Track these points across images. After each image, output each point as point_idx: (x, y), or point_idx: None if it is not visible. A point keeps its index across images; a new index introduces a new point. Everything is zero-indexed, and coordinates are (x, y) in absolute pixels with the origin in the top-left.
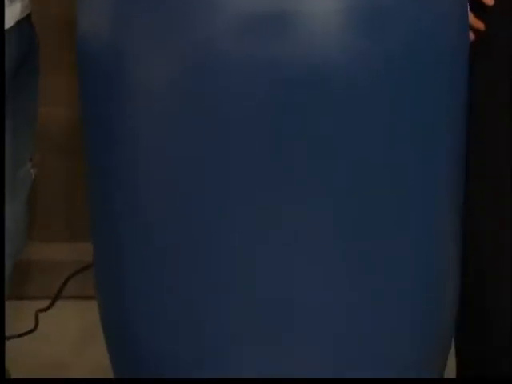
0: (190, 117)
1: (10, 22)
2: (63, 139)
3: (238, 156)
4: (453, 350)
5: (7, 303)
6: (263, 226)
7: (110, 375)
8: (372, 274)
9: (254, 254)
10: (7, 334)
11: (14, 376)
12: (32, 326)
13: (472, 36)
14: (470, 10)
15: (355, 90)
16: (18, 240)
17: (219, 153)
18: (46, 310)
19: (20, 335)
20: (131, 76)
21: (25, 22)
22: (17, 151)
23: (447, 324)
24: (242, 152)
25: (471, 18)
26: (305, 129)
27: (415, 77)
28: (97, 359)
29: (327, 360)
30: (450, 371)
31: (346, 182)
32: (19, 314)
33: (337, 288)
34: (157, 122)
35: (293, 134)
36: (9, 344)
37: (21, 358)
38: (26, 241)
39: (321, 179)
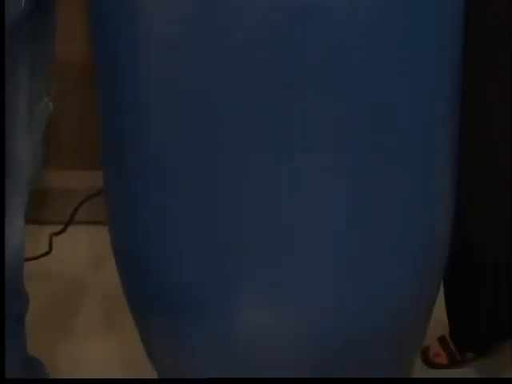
0: (197, 50)
1: None
2: (77, 73)
3: (242, 84)
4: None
5: None
6: (268, 152)
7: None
8: (366, 204)
9: (258, 182)
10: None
11: (32, 296)
12: (46, 249)
13: None
14: None
15: (357, 19)
16: (35, 169)
17: (225, 81)
18: (59, 233)
19: (35, 258)
20: (142, 9)
21: None
22: (36, 88)
23: (436, 262)
24: (245, 81)
25: None
26: (305, 58)
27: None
28: (110, 279)
29: (327, 283)
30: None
31: (346, 107)
32: (34, 238)
33: (333, 217)
34: (167, 53)
35: (294, 63)
36: (26, 266)
37: (38, 279)
38: (43, 170)
39: (321, 107)
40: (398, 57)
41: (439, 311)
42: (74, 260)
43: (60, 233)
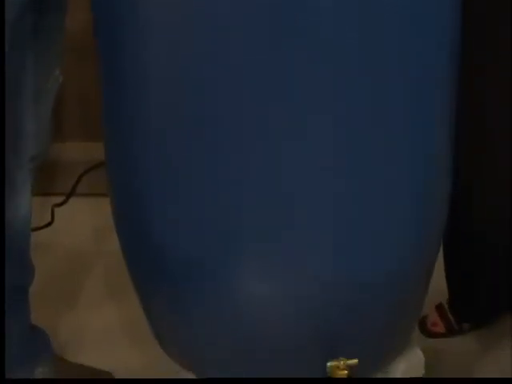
0: (197, 17)
1: None
2: (78, 42)
3: (241, 50)
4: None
5: None
6: (267, 117)
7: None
8: (365, 169)
9: (257, 148)
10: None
11: (37, 266)
12: (49, 220)
13: None
14: None
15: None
16: (44, 143)
17: (223, 47)
18: (61, 205)
19: (38, 228)
20: None
21: None
22: (46, 61)
23: (435, 227)
24: (244, 47)
25: None
26: (305, 27)
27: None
28: (112, 250)
29: (327, 251)
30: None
31: (344, 70)
32: (36, 210)
33: (333, 184)
34: (167, 20)
35: (292, 31)
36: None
37: (40, 250)
38: (51, 143)
39: (319, 74)
40: (400, 21)
41: (437, 280)
42: (76, 231)
43: (62, 204)
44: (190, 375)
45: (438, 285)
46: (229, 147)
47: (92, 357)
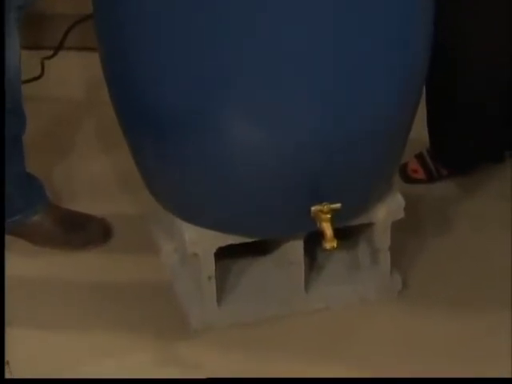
0: None
1: None
2: None
3: None
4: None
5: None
6: None
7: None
8: (354, 25)
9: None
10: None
11: (29, 118)
12: (39, 72)
13: None
14: None
15: None
16: None
17: None
18: (50, 57)
19: (29, 81)
20: None
21: None
22: None
23: (418, 73)
24: None
25: None
26: None
27: None
28: (103, 101)
29: (314, 99)
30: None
31: None
32: (25, 63)
33: (324, 38)
34: None
35: None
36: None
37: (34, 102)
38: None
39: None
40: None
41: (417, 131)
42: (66, 84)
43: (52, 57)
44: (179, 221)
45: (418, 135)
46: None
47: (86, 204)
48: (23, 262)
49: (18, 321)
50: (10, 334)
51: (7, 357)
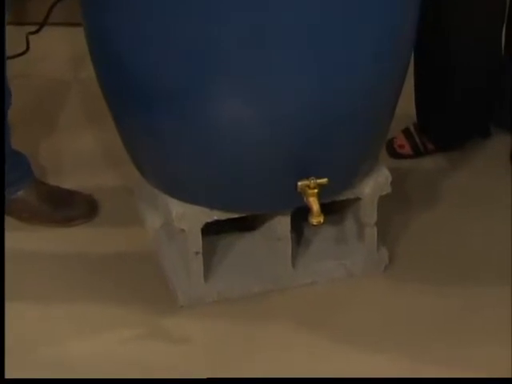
0: None
1: None
2: None
3: None
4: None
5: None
6: None
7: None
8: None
9: None
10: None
11: (15, 94)
12: (24, 48)
13: None
14: None
15: None
16: None
17: None
18: (35, 32)
19: (14, 56)
20: None
21: None
22: None
23: (407, 38)
24: None
25: None
26: None
27: None
28: (88, 76)
29: (302, 72)
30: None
31: None
32: (10, 39)
33: (308, 12)
34: None
35: None
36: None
37: (19, 77)
38: None
39: None
40: None
41: (403, 106)
42: (52, 59)
43: (36, 32)
44: (166, 197)
45: (405, 111)
46: None
47: (72, 179)
48: (9, 238)
49: (5, 295)
50: None
51: None
